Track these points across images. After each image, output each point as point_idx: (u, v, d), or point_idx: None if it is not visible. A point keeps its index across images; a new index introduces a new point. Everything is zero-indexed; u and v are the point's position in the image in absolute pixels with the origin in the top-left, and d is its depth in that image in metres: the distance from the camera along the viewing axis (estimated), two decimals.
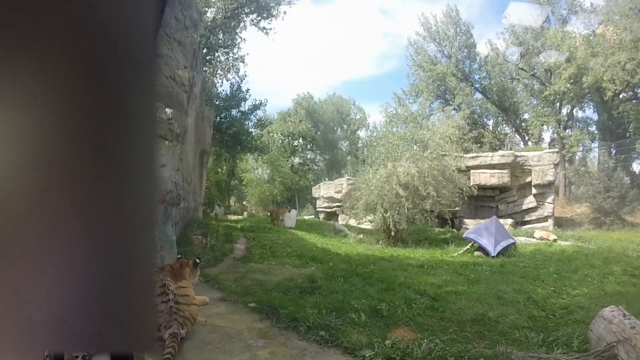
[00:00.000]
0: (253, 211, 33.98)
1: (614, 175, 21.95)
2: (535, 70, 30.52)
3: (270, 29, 22.82)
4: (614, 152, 27.22)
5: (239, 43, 23.34)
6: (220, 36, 22.73)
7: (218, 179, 29.94)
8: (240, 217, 28.68)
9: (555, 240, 15.26)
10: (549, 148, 25.79)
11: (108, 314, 0.76)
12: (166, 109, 8.38)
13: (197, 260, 5.55)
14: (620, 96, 26.10)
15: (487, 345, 4.38)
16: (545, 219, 21.29)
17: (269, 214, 22.15)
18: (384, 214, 15.22)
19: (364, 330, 4.76)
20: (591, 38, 26.12)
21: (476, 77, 35.15)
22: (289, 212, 20.51)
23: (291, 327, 4.84)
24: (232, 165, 31.83)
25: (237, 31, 23.00)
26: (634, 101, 26.32)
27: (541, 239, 15.68)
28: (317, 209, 32.71)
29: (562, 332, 4.74)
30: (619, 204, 21.34)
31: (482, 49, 36.50)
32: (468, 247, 13.25)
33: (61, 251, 0.73)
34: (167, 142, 8.00)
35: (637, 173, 28.02)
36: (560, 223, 21.99)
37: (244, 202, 40.21)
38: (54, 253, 0.73)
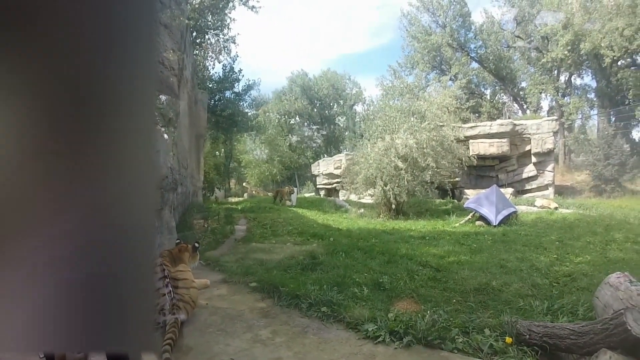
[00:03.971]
0: (253, 192, 34.02)
1: (614, 143, 21.87)
2: (532, 38, 30.13)
3: (260, 7, 22.36)
4: (613, 119, 27.10)
5: (228, 24, 22.89)
6: (209, 18, 22.25)
7: (216, 162, 29.88)
8: (240, 198, 28.72)
9: (556, 209, 15.27)
10: (548, 116, 25.62)
11: (105, 312, 0.73)
12: (160, 96, 8.27)
13: (196, 244, 5.48)
14: (619, 63, 25.78)
15: (491, 314, 4.35)
16: (545, 187, 21.28)
17: (273, 194, 22.01)
18: (384, 187, 15.20)
19: (367, 304, 4.72)
20: (588, 4, 25.68)
21: (472, 46, 34.79)
22: (293, 192, 20.45)
23: (293, 304, 4.82)
24: (230, 147, 31.74)
25: (226, 11, 22.53)
26: (632, 68, 25.97)
27: (542, 207, 15.71)
28: (317, 186, 32.73)
29: (567, 299, 4.70)
30: (619, 172, 21.32)
31: (477, 18, 36.05)
32: (469, 217, 13.24)
33: (57, 248, 0.70)
34: (159, 127, 7.89)
35: (637, 140, 27.96)
36: (560, 191, 21.99)
37: (244, 184, 40.20)
38: (51, 250, 0.70)
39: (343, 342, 3.82)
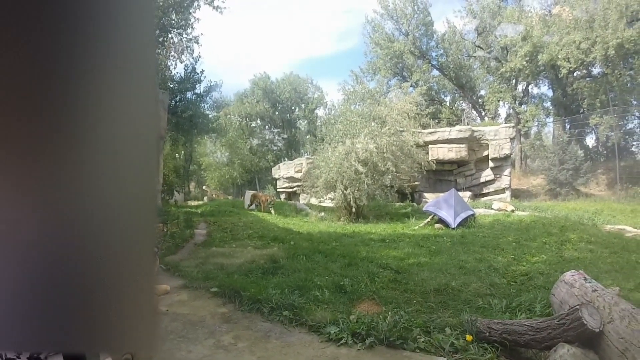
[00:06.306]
0: (213, 195, 33.55)
1: (569, 149, 22.61)
2: (492, 48, 30.95)
3: (225, 8, 22.02)
4: (568, 126, 27.95)
5: (192, 23, 22.43)
6: (173, 16, 21.76)
7: (176, 164, 29.20)
8: (200, 202, 28.28)
9: (512, 211, 15.68)
10: (505, 123, 26.34)
11: (104, 312, 0.67)
12: None
13: (155, 249, 5.33)
14: (575, 74, 26.64)
15: (451, 314, 4.43)
16: (502, 190, 21.82)
17: (250, 197, 21.29)
18: (344, 191, 15.26)
19: (328, 307, 4.72)
20: (547, 18, 26.60)
21: (433, 54, 35.20)
22: (273, 202, 19.80)
23: (254, 309, 4.77)
24: (190, 149, 31.14)
25: (191, 11, 22.10)
26: (587, 79, 26.90)
27: (499, 210, 16.08)
28: (278, 190, 32.50)
29: (524, 297, 4.84)
30: (574, 176, 22.05)
31: (440, 27, 36.71)
32: (428, 219, 13.45)
33: (45, 244, 0.63)
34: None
35: (590, 147, 29.04)
36: (517, 194, 22.60)
37: (204, 187, 39.58)
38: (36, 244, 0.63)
39: (306, 346, 3.80)
